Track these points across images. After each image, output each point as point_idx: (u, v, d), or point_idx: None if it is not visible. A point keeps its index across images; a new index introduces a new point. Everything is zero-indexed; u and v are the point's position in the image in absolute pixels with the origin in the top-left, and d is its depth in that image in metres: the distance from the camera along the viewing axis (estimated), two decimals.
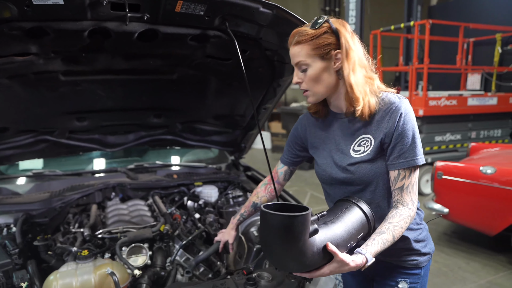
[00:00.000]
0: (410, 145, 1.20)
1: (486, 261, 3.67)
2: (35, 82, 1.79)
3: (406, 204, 1.23)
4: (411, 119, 1.21)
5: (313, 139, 1.44)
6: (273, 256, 1.10)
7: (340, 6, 11.17)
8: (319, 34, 1.19)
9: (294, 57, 1.24)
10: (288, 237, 1.01)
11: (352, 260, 1.11)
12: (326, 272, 1.12)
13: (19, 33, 1.41)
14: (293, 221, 0.99)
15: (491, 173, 3.47)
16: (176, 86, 2.14)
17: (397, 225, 1.20)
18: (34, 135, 2.22)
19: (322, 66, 1.22)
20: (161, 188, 2.56)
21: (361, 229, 1.22)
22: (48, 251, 1.84)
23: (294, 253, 1.04)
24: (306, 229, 1.02)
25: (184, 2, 1.41)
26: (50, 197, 2.24)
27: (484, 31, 7.30)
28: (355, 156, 1.27)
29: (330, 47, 1.20)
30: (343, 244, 1.15)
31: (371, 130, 1.26)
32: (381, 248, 1.16)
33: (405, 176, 1.22)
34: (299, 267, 1.11)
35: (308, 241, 1.04)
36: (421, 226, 1.38)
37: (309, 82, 1.25)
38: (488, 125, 6.51)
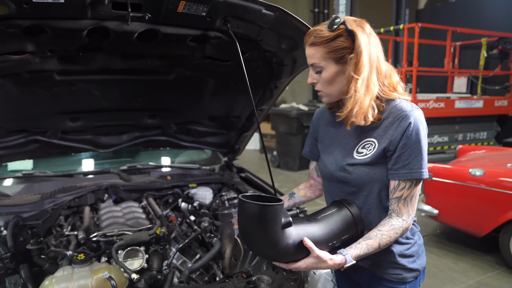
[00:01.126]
0: (416, 157, 1.17)
1: (474, 262, 3.74)
2: (29, 81, 1.74)
3: (401, 215, 1.21)
4: (421, 130, 1.17)
5: (323, 134, 1.43)
6: (248, 243, 1.17)
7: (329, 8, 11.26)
8: (335, 37, 1.16)
9: (309, 58, 1.23)
10: (259, 225, 1.09)
11: (330, 259, 1.13)
12: (303, 266, 1.15)
13: (16, 31, 1.37)
14: (264, 211, 1.06)
15: (480, 175, 3.54)
16: (173, 86, 2.11)
17: (386, 233, 1.19)
18: (25, 135, 2.16)
19: (336, 70, 1.20)
20: (155, 190, 2.52)
21: (346, 231, 1.23)
22: (41, 255, 1.79)
23: (266, 241, 1.10)
24: (277, 219, 1.08)
25: (187, 3, 1.39)
26: (41, 199, 2.19)
27: (469, 35, 7.46)
28: (356, 158, 1.26)
29: (345, 51, 1.17)
30: (323, 242, 1.17)
31: (377, 134, 1.23)
32: (364, 252, 1.17)
33: (405, 187, 1.19)
34: (273, 256, 1.17)
35: (280, 232, 1.09)
36: (410, 241, 1.32)
37: (323, 84, 1.24)
38: (474, 127, 6.66)
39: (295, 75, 2.13)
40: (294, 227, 1.14)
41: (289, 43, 1.76)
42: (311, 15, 11.42)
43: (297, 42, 1.74)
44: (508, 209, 3.37)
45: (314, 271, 1.75)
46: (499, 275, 3.49)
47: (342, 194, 1.33)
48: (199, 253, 2.00)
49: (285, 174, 6.68)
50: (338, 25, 1.16)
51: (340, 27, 1.16)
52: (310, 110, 7.59)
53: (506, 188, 3.36)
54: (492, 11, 7.87)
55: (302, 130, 7.42)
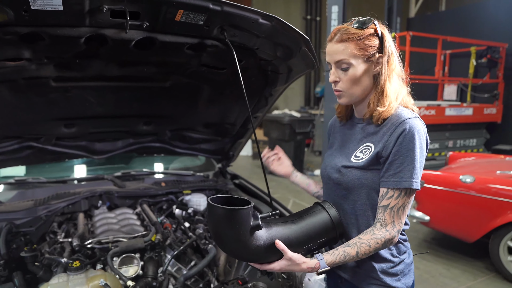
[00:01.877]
0: (407, 166, 1.13)
1: (465, 267, 3.78)
2: (24, 87, 1.74)
3: (385, 225, 1.16)
4: (416, 140, 1.13)
5: (333, 139, 1.46)
6: (219, 244, 1.18)
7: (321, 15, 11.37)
8: (366, 35, 1.17)
9: (335, 54, 1.19)
10: (226, 227, 1.10)
11: (303, 262, 1.14)
12: (276, 267, 1.15)
13: (13, 38, 1.37)
14: (231, 214, 1.08)
15: (470, 182, 3.60)
16: (168, 94, 2.12)
17: (366, 242, 1.16)
18: (19, 142, 2.14)
19: (364, 68, 1.19)
20: (149, 196, 2.52)
21: (323, 234, 1.21)
22: (35, 262, 1.78)
23: (234, 242, 1.12)
24: (243, 223, 1.09)
25: (185, 12, 1.41)
26: (34, 205, 2.17)
27: (459, 44, 7.60)
28: (353, 161, 1.25)
29: (375, 50, 1.18)
30: (298, 245, 1.17)
31: (375, 139, 1.22)
32: (339, 259, 1.15)
33: (393, 196, 1.15)
34: (245, 257, 1.18)
35: (248, 234, 1.11)
36: (395, 260, 1.26)
37: (348, 82, 1.21)
38: (464, 134, 6.76)
39: (290, 83, 2.15)
40: (266, 229, 1.15)
41: (284, 52, 1.79)
42: (304, 22, 11.53)
43: (292, 50, 1.76)
44: (497, 215, 3.42)
45: (309, 278, 1.76)
46: (489, 280, 3.53)
47: (336, 197, 1.32)
48: (194, 260, 2.00)
49: (278, 180, 6.70)
50: (368, 25, 1.17)
51: (370, 27, 1.17)
52: (303, 117, 7.64)
53: (495, 194, 3.42)
54: (482, 21, 8.04)
55: (294, 137, 7.45)
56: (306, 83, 11.92)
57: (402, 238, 1.30)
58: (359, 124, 1.31)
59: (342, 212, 1.30)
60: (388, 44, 1.18)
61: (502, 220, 3.39)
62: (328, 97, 6.72)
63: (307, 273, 1.77)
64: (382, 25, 1.21)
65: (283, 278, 1.75)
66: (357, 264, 1.29)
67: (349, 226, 1.29)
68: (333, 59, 1.21)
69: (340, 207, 1.30)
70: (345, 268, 1.34)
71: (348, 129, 1.36)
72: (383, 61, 1.18)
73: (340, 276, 1.38)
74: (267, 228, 1.16)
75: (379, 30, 1.18)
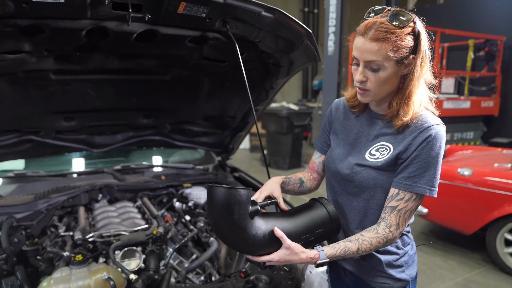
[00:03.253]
0: (424, 172, 1.10)
1: (462, 259, 3.82)
2: (24, 80, 1.72)
3: (389, 225, 1.15)
4: (438, 147, 1.10)
5: (338, 126, 1.36)
6: (217, 231, 1.15)
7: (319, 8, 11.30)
8: (403, 34, 1.05)
9: (367, 53, 1.08)
10: (224, 210, 1.08)
11: (302, 251, 1.12)
12: (275, 258, 1.12)
13: (13, 30, 1.36)
14: (229, 195, 1.07)
15: (468, 175, 3.62)
16: (168, 86, 2.11)
17: (367, 240, 1.14)
18: (18, 135, 2.13)
19: (394, 70, 1.09)
20: (149, 190, 2.52)
21: (320, 225, 1.21)
22: (37, 256, 1.78)
23: (232, 228, 1.09)
24: (242, 205, 1.08)
25: (187, 4, 1.40)
26: (34, 199, 2.16)
27: (457, 37, 7.59)
28: (368, 159, 1.20)
29: (409, 51, 1.07)
30: (296, 235, 1.16)
31: (395, 140, 1.17)
32: (340, 254, 1.14)
33: (403, 199, 1.13)
34: (243, 246, 1.14)
35: (247, 219, 1.09)
36: (400, 252, 1.27)
37: (376, 83, 1.12)
38: (462, 127, 6.78)
39: (291, 76, 2.15)
40: (264, 219, 1.14)
41: (286, 45, 1.78)
42: (301, 15, 11.46)
43: (294, 43, 1.75)
44: (494, 208, 3.45)
45: (310, 270, 1.77)
46: (485, 272, 3.57)
47: (344, 193, 1.30)
48: (195, 253, 2.00)
49: (276, 173, 6.72)
50: (407, 22, 1.05)
51: (409, 25, 1.06)
52: (301, 110, 7.63)
53: (493, 187, 3.44)
54: (480, 14, 8.03)
55: (292, 129, 7.45)
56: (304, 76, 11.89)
57: (406, 230, 1.30)
58: (378, 120, 1.24)
59: (349, 208, 1.28)
60: (423, 44, 1.08)
61: (499, 212, 3.42)
62: (326, 90, 6.72)
63: (309, 266, 1.78)
64: (420, 22, 1.09)
65: (285, 271, 1.77)
66: (362, 256, 1.29)
67: (354, 223, 1.28)
68: (363, 58, 1.09)
69: (347, 203, 1.29)
70: (349, 260, 1.34)
71: (363, 122, 1.28)
72: (416, 62, 1.09)
73: (344, 268, 1.38)
74: (265, 218, 1.15)
75: (417, 28, 1.06)
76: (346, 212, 1.30)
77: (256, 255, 1.16)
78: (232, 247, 1.17)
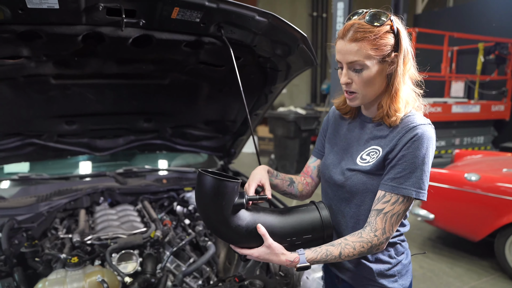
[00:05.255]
0: (410, 173, 1.08)
1: (469, 266, 3.75)
2: (24, 85, 1.76)
3: (375, 229, 1.12)
4: (425, 148, 1.08)
5: (333, 132, 1.36)
6: (202, 216, 1.17)
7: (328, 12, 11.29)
8: (382, 32, 1.06)
9: (348, 55, 1.09)
10: (210, 197, 1.09)
11: (282, 253, 1.11)
12: (255, 254, 1.12)
13: (11, 36, 1.39)
14: (215, 184, 1.08)
15: (475, 180, 3.55)
16: (168, 91, 2.13)
17: (351, 244, 1.12)
18: (21, 139, 2.17)
19: (378, 69, 1.09)
20: (150, 193, 2.54)
21: (310, 230, 1.18)
22: (35, 258, 1.80)
23: (216, 215, 1.11)
24: (226, 196, 1.08)
25: (181, 9, 1.41)
26: (36, 201, 2.20)
27: (467, 40, 7.50)
28: (358, 164, 1.19)
29: (390, 48, 1.08)
30: (281, 235, 1.15)
31: (383, 143, 1.16)
32: (321, 258, 1.12)
33: (389, 201, 1.10)
34: (226, 235, 1.15)
35: (230, 209, 1.10)
36: (392, 261, 1.24)
37: (361, 84, 1.12)
38: (471, 132, 6.67)
39: (290, 80, 2.15)
40: (251, 213, 1.14)
41: (282, 49, 1.78)
42: (310, 19, 11.46)
43: (290, 47, 1.75)
44: (503, 214, 3.38)
45: (307, 276, 1.76)
46: (494, 280, 3.49)
47: (337, 199, 1.28)
48: (193, 257, 2.01)
49: None
50: (385, 21, 1.06)
51: (387, 23, 1.07)
52: (308, 114, 7.61)
53: (501, 193, 3.37)
54: (490, 17, 7.92)
55: (299, 134, 7.43)
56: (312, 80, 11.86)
57: (400, 239, 1.27)
58: (368, 123, 1.24)
59: (341, 214, 1.26)
60: (404, 41, 1.09)
61: (508, 219, 3.35)
62: (333, 95, 6.69)
63: (305, 272, 1.77)
64: (397, 20, 1.10)
65: (280, 276, 1.76)
66: (353, 265, 1.27)
67: (347, 229, 1.26)
68: (345, 60, 1.10)
69: (340, 209, 1.27)
70: (341, 268, 1.32)
71: (355, 127, 1.28)
72: (398, 60, 1.09)
73: (337, 275, 1.37)
74: (253, 212, 1.15)
75: (395, 26, 1.07)
76: (339, 218, 1.28)
77: (238, 246, 1.15)
78: (215, 234, 1.17)
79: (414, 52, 1.17)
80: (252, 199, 1.16)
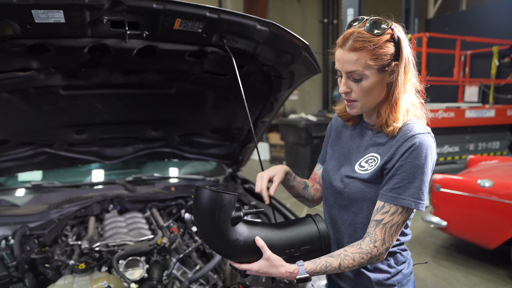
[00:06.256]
0: (409, 183, 1.07)
1: (485, 275, 3.65)
2: (35, 96, 1.82)
3: (374, 240, 1.11)
4: (423, 157, 1.06)
5: (335, 139, 1.36)
6: (200, 232, 1.17)
7: (339, 19, 11.29)
8: (382, 42, 1.05)
9: (347, 64, 1.07)
10: (207, 211, 1.10)
11: (281, 265, 1.11)
12: (255, 268, 1.12)
13: (20, 50, 1.45)
14: (212, 197, 1.08)
15: (489, 186, 3.48)
16: (174, 100, 2.17)
17: (350, 255, 1.11)
18: (33, 148, 2.24)
19: (378, 79, 1.08)
20: (158, 201, 2.57)
21: (307, 242, 1.19)
22: (45, 264, 1.84)
23: (213, 230, 1.11)
24: (223, 208, 1.09)
25: (183, 20, 1.45)
26: (48, 209, 2.25)
27: (481, 44, 7.39)
28: (357, 171, 1.19)
29: (390, 58, 1.06)
30: (279, 248, 1.15)
31: (382, 150, 1.15)
32: (320, 269, 1.11)
33: (388, 212, 1.09)
34: (224, 250, 1.15)
35: (228, 223, 1.10)
36: (392, 270, 1.23)
37: (360, 93, 1.10)
38: (486, 137, 6.54)
39: (294, 88, 2.16)
40: (248, 226, 1.14)
41: (285, 57, 1.80)
42: (321, 26, 11.48)
43: (293, 55, 1.77)
44: None
45: (312, 284, 1.75)
46: None
47: (336, 205, 1.28)
48: (199, 264, 2.02)
49: None
50: (385, 30, 1.05)
51: (387, 32, 1.06)
52: (319, 121, 7.59)
53: None
54: (504, 19, 7.80)
55: (311, 141, 7.41)
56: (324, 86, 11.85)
57: (401, 248, 1.26)
58: (368, 131, 1.23)
59: (340, 221, 1.26)
60: (405, 51, 1.07)
61: None
62: None
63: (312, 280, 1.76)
64: (398, 28, 1.09)
65: (285, 283, 1.75)
66: (353, 274, 1.26)
67: (345, 237, 1.26)
68: (344, 69, 1.09)
69: (339, 216, 1.27)
70: (342, 276, 1.31)
71: (356, 134, 1.28)
72: (399, 69, 1.08)
73: (339, 285, 1.36)
74: (251, 226, 1.15)
75: (396, 35, 1.06)
76: (339, 225, 1.28)
77: (237, 261, 1.16)
78: (213, 249, 1.17)
79: (425, 57, 1.15)
80: (249, 213, 1.17)
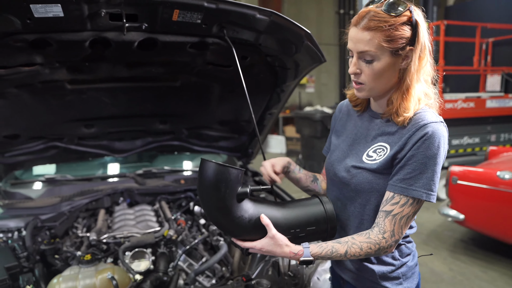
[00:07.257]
0: (420, 174, 1.03)
1: (504, 270, 3.54)
2: (42, 91, 1.85)
3: (383, 231, 1.07)
4: (436, 147, 1.02)
5: (340, 127, 1.32)
6: (204, 206, 1.14)
7: (355, 9, 11.08)
8: (398, 23, 1.00)
9: (359, 43, 1.03)
10: (212, 185, 1.06)
11: (286, 244, 1.08)
12: (258, 246, 1.10)
13: (23, 45, 1.47)
14: (218, 170, 1.05)
15: (509, 178, 3.36)
16: (179, 92, 2.17)
17: (358, 244, 1.08)
18: (44, 142, 2.29)
19: (390, 62, 1.04)
20: (168, 193, 2.59)
21: (313, 222, 1.16)
22: (55, 255, 1.89)
23: (218, 205, 1.07)
24: (230, 183, 1.05)
25: (181, 11, 1.43)
26: (60, 201, 2.30)
27: (504, 31, 7.10)
28: (364, 161, 1.14)
29: (405, 42, 1.02)
30: (285, 226, 1.12)
31: (392, 140, 1.10)
32: (325, 253, 1.09)
33: (398, 203, 1.06)
34: (228, 227, 1.12)
35: (233, 199, 1.07)
36: (396, 263, 1.19)
37: (370, 76, 1.06)
38: (509, 127, 6.31)
39: (301, 78, 2.12)
40: (254, 203, 1.11)
41: (288, 47, 1.77)
42: (337, 17, 11.29)
43: (296, 45, 1.74)
44: None
45: (318, 277, 1.73)
46: None
47: (341, 197, 1.24)
48: (205, 256, 2.03)
49: None
50: (402, 11, 1.00)
51: (405, 14, 1.01)
52: None
53: None
54: None
55: (326, 133, 7.33)
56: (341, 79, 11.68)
57: (406, 240, 1.23)
58: (377, 119, 1.18)
59: (346, 213, 1.23)
60: (422, 35, 1.02)
61: None
62: None
63: (317, 272, 1.74)
64: (418, 12, 1.03)
65: (289, 276, 1.74)
66: (356, 266, 1.23)
67: (351, 229, 1.22)
68: (356, 48, 1.05)
69: (344, 208, 1.23)
70: (344, 269, 1.29)
71: (363, 122, 1.23)
72: (414, 55, 1.03)
73: (342, 278, 1.34)
74: (256, 203, 1.12)
75: (414, 17, 1.01)
76: (344, 217, 1.24)
77: (240, 239, 1.13)
78: (216, 225, 1.15)
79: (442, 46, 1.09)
80: (256, 189, 1.13)
